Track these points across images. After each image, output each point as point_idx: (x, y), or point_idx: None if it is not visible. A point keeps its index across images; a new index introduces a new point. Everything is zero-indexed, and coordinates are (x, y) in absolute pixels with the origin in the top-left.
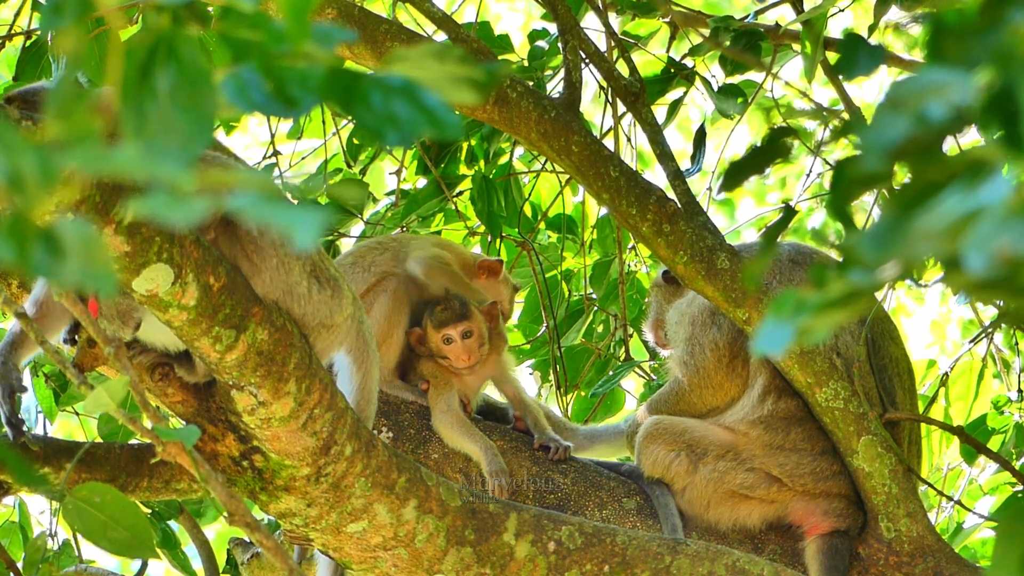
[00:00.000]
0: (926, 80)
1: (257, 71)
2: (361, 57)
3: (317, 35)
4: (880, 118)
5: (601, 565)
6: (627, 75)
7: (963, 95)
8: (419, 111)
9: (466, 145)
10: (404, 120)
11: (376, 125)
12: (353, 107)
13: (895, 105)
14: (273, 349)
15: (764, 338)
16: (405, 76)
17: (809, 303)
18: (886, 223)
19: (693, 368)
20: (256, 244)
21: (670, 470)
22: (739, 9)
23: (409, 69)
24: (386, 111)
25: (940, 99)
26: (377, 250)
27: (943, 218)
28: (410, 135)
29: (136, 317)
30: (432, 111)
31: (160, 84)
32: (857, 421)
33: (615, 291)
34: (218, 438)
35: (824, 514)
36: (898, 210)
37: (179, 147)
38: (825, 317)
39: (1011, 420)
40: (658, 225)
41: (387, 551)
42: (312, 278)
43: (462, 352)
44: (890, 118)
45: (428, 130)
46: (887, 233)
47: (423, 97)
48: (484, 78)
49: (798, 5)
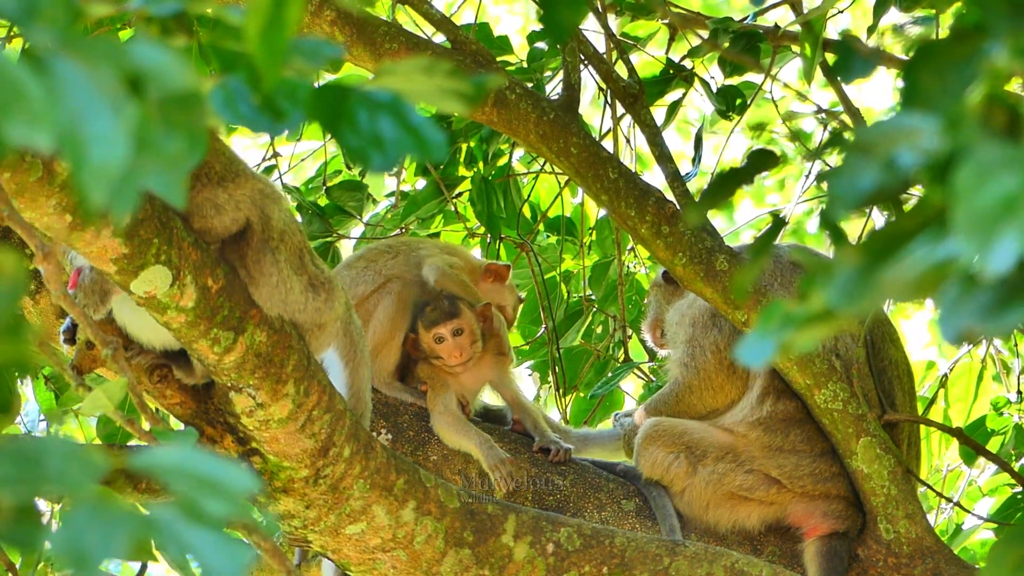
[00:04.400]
0: (896, 125)
1: (245, 82)
2: (360, 59)
3: (304, 51)
4: (850, 164)
5: (600, 567)
6: (626, 77)
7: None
8: (405, 130)
9: (465, 146)
10: (389, 141)
11: (361, 147)
12: (338, 127)
13: (865, 150)
14: (271, 351)
15: (747, 350)
16: (393, 91)
17: (794, 317)
18: (854, 272)
19: (694, 370)
20: (258, 261)
21: (669, 472)
22: (738, 10)
23: (398, 83)
24: (372, 130)
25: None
26: (388, 254)
27: (911, 269)
28: (394, 158)
29: (112, 299)
30: (418, 130)
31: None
32: (856, 423)
33: (614, 292)
34: (216, 440)
35: (823, 516)
36: (867, 259)
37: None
38: (807, 332)
39: (1010, 421)
40: (657, 226)
41: (386, 552)
42: (308, 287)
43: (454, 350)
44: (860, 164)
45: (413, 152)
46: (856, 282)
47: (409, 115)
48: (473, 91)
49: (797, 7)
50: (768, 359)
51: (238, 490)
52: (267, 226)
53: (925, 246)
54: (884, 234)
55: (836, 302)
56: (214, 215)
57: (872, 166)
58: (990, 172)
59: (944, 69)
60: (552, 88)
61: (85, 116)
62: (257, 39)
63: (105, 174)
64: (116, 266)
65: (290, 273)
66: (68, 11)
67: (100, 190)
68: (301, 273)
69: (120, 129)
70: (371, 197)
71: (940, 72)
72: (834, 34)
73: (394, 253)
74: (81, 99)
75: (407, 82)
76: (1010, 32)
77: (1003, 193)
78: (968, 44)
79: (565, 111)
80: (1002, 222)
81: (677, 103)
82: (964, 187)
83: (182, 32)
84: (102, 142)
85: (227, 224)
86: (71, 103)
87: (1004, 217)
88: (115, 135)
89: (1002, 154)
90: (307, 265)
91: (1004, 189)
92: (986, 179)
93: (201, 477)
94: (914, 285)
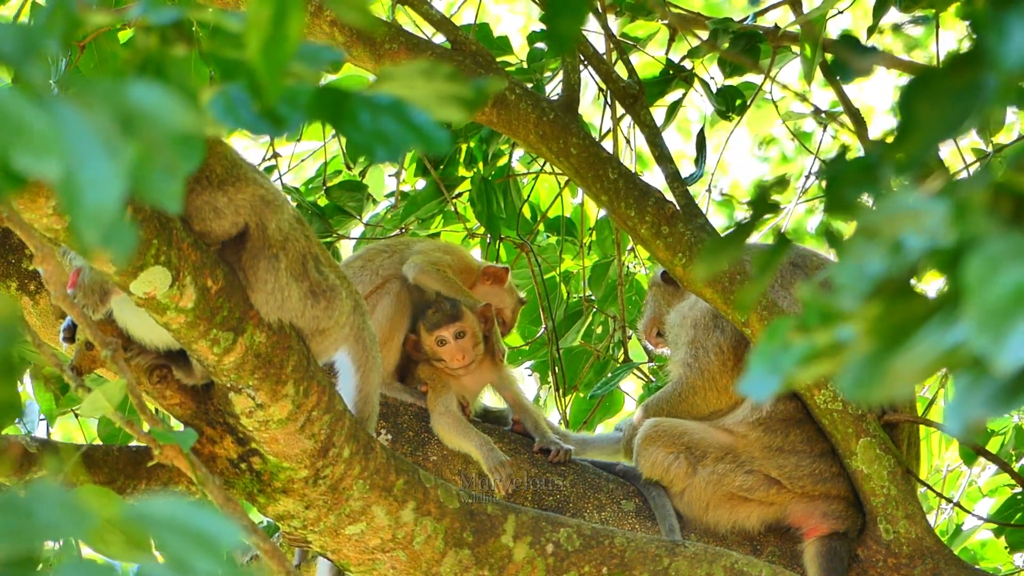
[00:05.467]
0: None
1: (245, 89)
2: (360, 59)
3: (304, 55)
4: (855, 249)
5: (599, 567)
6: (626, 77)
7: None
8: (407, 128)
9: (465, 147)
10: (392, 136)
11: (365, 142)
12: (341, 125)
13: (870, 235)
14: (271, 351)
15: (751, 385)
16: (393, 94)
17: (794, 351)
18: (865, 361)
19: (697, 370)
20: (255, 267)
21: (669, 472)
22: (739, 10)
23: (397, 88)
24: (375, 128)
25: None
26: (385, 253)
27: (922, 358)
28: (398, 150)
29: (112, 299)
30: (420, 127)
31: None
32: (856, 423)
33: (614, 293)
34: (216, 440)
35: (823, 516)
36: (878, 346)
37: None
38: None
39: (1010, 422)
40: (656, 227)
41: (385, 553)
42: (309, 294)
43: (456, 352)
44: (865, 250)
45: (417, 145)
46: (867, 371)
47: (411, 115)
48: (472, 96)
49: (797, 7)
50: (772, 394)
51: (226, 545)
52: (264, 233)
53: (935, 332)
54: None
55: (850, 392)
56: (213, 218)
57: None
58: (1000, 264)
59: (940, 100)
60: (552, 88)
61: (82, 157)
62: (259, 53)
63: (101, 216)
64: (115, 267)
65: (289, 280)
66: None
67: (95, 232)
68: (302, 280)
69: (116, 172)
70: (371, 197)
71: (936, 103)
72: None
73: (391, 252)
74: (78, 140)
75: (407, 87)
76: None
77: (1014, 285)
78: (964, 74)
79: (565, 111)
80: (1014, 315)
81: (677, 103)
82: (974, 279)
83: (182, 41)
84: (98, 184)
85: (226, 228)
86: (68, 144)
87: (1016, 310)
88: (111, 178)
89: (1012, 244)
90: (310, 272)
91: (1015, 281)
92: (997, 271)
93: (190, 532)
94: (925, 372)
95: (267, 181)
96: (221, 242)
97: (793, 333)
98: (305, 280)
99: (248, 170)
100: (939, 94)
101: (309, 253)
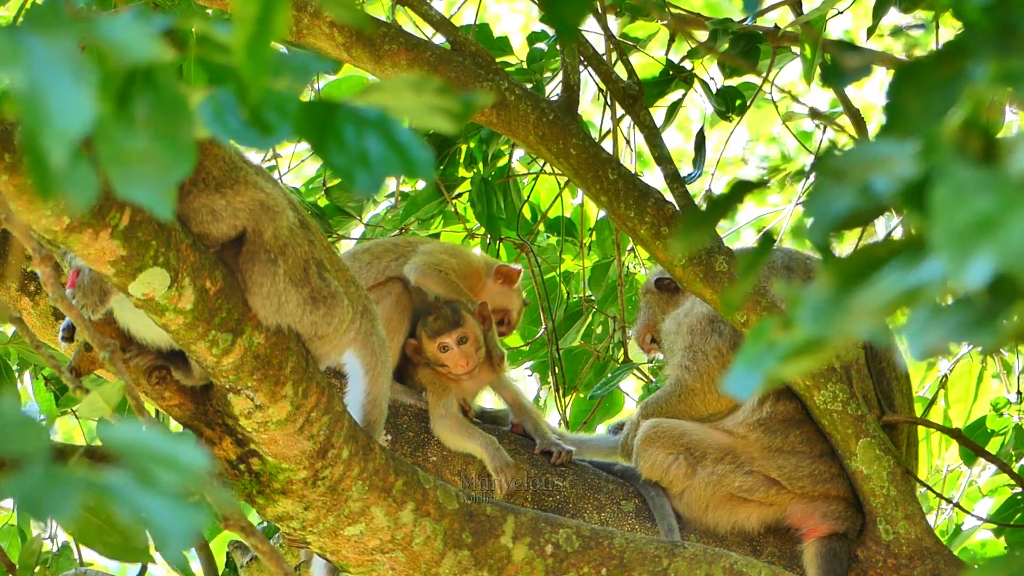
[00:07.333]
0: (871, 152)
1: (233, 95)
2: (359, 60)
3: (293, 67)
4: (824, 190)
5: (599, 568)
6: (626, 78)
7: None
8: (392, 148)
9: (465, 147)
10: (375, 160)
11: (347, 166)
12: (325, 145)
13: (839, 176)
14: (270, 353)
15: (734, 382)
16: (380, 108)
17: (778, 349)
18: (826, 297)
19: (696, 373)
20: (251, 270)
21: (668, 473)
22: (739, 11)
23: (386, 99)
24: (359, 148)
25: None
26: (392, 253)
27: (881, 296)
28: (380, 178)
29: (111, 299)
30: (405, 148)
31: (138, 111)
32: (855, 423)
33: (614, 293)
34: (215, 441)
35: (823, 517)
36: (838, 284)
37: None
38: (794, 364)
39: (1010, 422)
40: (656, 228)
41: (385, 554)
42: (308, 300)
43: (460, 358)
44: (834, 190)
45: (399, 171)
46: (826, 308)
47: (397, 132)
48: (461, 109)
49: (797, 7)
50: (755, 391)
51: (190, 464)
52: (260, 239)
53: (898, 272)
54: (857, 260)
55: (808, 329)
56: (211, 221)
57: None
58: (966, 192)
59: (926, 90)
60: (552, 89)
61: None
62: (243, 50)
63: (66, 139)
64: (114, 268)
65: (287, 285)
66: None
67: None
68: (302, 286)
69: (84, 96)
70: (371, 198)
71: (922, 93)
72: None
73: (398, 254)
74: (45, 63)
75: (395, 99)
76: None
77: (979, 212)
78: (951, 65)
79: (565, 112)
80: (979, 240)
81: (677, 104)
82: (941, 206)
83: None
84: (66, 107)
85: (224, 231)
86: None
87: (980, 235)
88: (80, 101)
89: (978, 176)
90: (311, 278)
91: (980, 209)
92: (962, 199)
93: (155, 452)
94: (885, 310)
95: (270, 184)
96: (220, 244)
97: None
98: (305, 286)
99: (249, 173)
100: (925, 84)
101: (312, 259)
